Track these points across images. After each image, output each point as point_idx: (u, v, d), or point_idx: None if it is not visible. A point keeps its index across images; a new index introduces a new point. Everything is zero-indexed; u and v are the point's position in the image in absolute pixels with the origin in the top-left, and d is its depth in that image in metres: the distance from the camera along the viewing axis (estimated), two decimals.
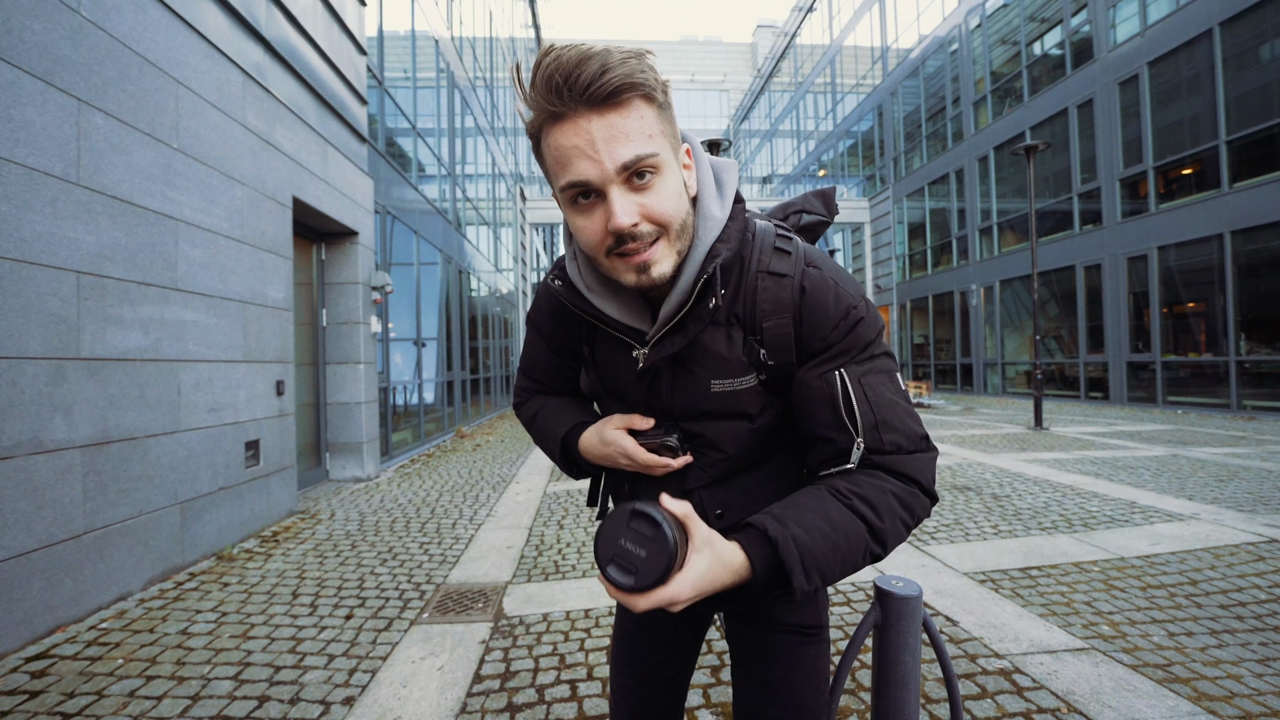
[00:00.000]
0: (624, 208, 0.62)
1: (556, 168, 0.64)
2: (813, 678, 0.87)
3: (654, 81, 0.63)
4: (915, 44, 18.81)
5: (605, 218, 0.64)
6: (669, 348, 0.74)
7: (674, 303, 0.72)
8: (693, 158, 0.74)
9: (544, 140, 0.65)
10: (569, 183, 0.63)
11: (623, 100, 0.61)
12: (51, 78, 2.58)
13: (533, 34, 23.04)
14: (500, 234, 15.52)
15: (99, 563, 2.72)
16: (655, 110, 0.64)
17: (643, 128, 0.62)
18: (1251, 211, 9.36)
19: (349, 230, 5.67)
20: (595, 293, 0.76)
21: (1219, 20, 9.79)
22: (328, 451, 5.75)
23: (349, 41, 5.78)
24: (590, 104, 0.60)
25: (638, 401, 0.84)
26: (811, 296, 0.73)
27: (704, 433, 0.81)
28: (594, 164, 0.61)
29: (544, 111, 0.62)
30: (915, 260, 19.45)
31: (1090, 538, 3.51)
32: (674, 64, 46.28)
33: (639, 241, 0.65)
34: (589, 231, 0.66)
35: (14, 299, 2.39)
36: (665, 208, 0.65)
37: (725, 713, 1.85)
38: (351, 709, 1.91)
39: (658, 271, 0.67)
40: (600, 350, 0.86)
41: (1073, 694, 1.90)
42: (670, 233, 0.67)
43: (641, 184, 0.63)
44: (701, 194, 0.74)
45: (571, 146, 0.62)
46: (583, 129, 0.61)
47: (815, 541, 0.65)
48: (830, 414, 0.71)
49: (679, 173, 0.68)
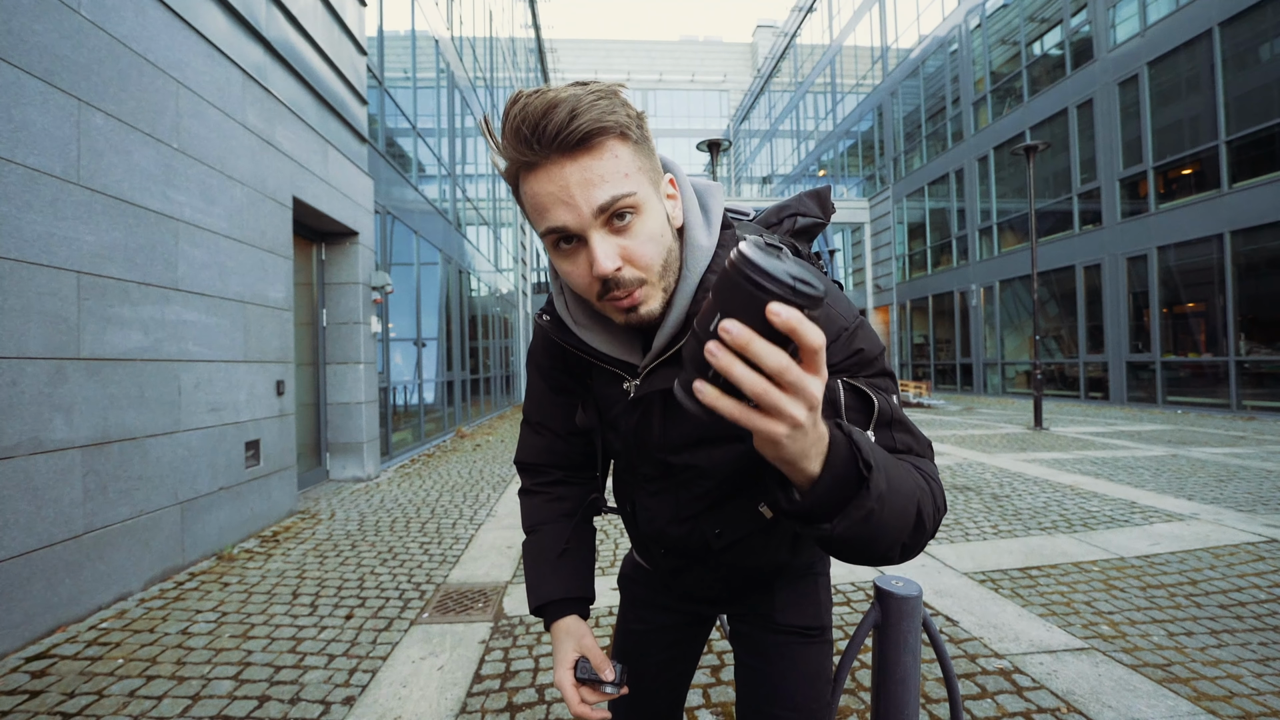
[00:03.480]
0: (605, 252, 0.62)
1: (535, 215, 0.64)
2: (815, 679, 0.87)
3: (626, 119, 0.62)
4: (915, 44, 18.82)
5: (589, 264, 0.63)
6: (663, 381, 0.73)
7: (666, 336, 0.71)
8: (676, 187, 0.72)
9: (521, 187, 0.64)
10: (548, 229, 0.63)
11: (594, 144, 0.60)
12: (52, 78, 2.58)
13: (533, 34, 23.03)
14: (500, 234, 15.53)
15: (99, 563, 2.72)
16: (630, 147, 0.63)
17: (618, 168, 0.61)
18: (1251, 211, 9.37)
19: (349, 230, 5.67)
20: (584, 327, 0.76)
21: (1219, 20, 9.79)
22: (328, 451, 5.76)
23: (349, 41, 5.79)
24: (562, 150, 0.59)
25: (629, 433, 0.82)
26: None
27: (697, 462, 0.79)
28: (571, 210, 0.61)
29: (516, 162, 0.62)
30: (915, 260, 19.45)
31: (1090, 538, 3.51)
32: (674, 64, 46.25)
33: (623, 289, 0.64)
34: (576, 276, 0.66)
35: (14, 299, 2.39)
36: (646, 251, 0.64)
37: (725, 713, 1.85)
38: (351, 709, 1.91)
39: (645, 310, 0.67)
40: (596, 383, 0.85)
41: (1072, 694, 1.91)
42: (653, 276, 0.66)
43: (622, 225, 0.62)
44: (688, 223, 0.72)
45: (546, 194, 0.61)
46: (556, 176, 0.60)
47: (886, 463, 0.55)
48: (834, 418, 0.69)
49: (661, 208, 0.67)
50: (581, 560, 0.93)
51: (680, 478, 0.82)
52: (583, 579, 0.91)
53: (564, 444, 0.94)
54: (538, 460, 0.96)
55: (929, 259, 18.60)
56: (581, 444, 0.94)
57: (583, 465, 0.97)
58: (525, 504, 0.97)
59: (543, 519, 0.94)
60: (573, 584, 0.90)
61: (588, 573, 0.93)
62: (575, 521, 0.94)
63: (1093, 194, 12.36)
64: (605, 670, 0.81)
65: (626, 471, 0.90)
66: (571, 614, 0.88)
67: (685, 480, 0.81)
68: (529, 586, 0.91)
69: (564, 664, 0.83)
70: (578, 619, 0.88)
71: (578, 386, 0.88)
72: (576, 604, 0.89)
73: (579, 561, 0.92)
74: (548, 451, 0.95)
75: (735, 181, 40.18)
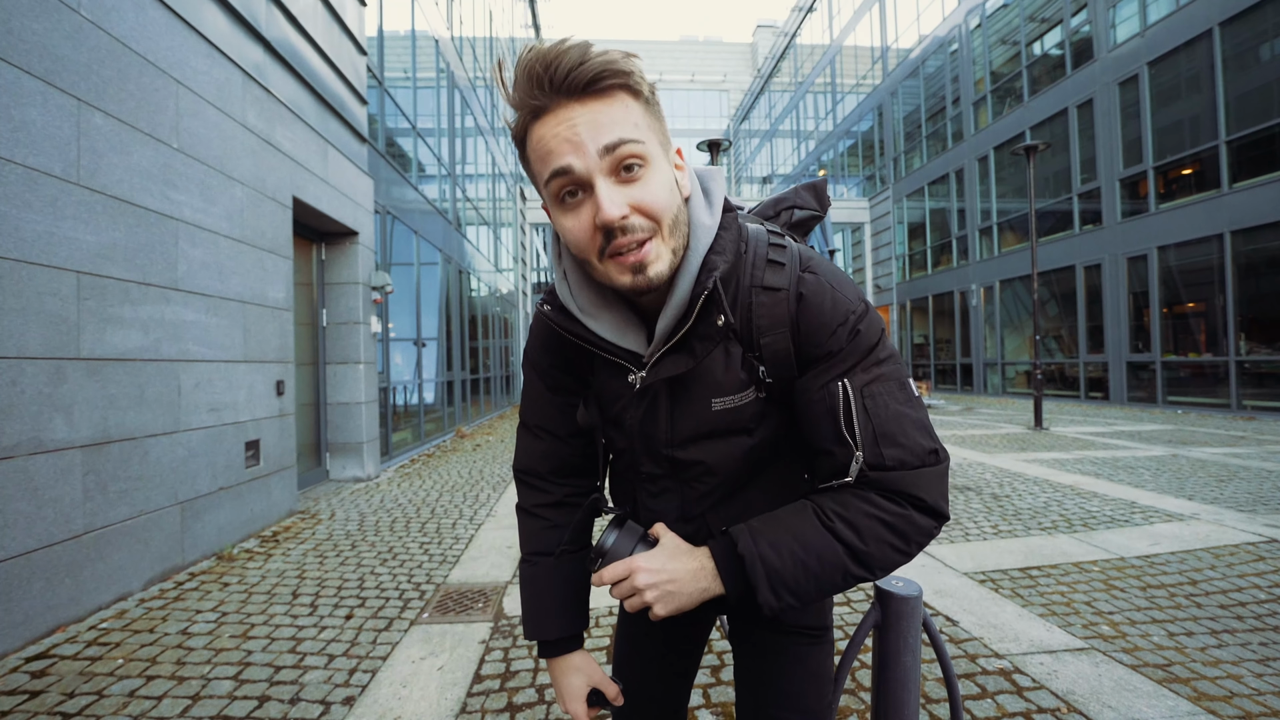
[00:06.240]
0: (611, 198, 0.60)
1: (540, 164, 0.63)
2: (816, 679, 0.87)
3: (639, 76, 0.62)
4: (915, 44, 18.81)
5: (593, 213, 0.61)
6: (671, 368, 0.71)
7: (670, 317, 0.69)
8: (683, 158, 0.72)
9: (528, 139, 0.63)
10: (553, 171, 0.61)
11: (605, 88, 0.60)
12: (51, 78, 2.58)
13: (533, 34, 23.03)
14: (500, 234, 15.53)
15: (99, 563, 2.72)
16: (641, 105, 0.62)
17: (628, 116, 0.61)
18: (1251, 211, 9.36)
19: (349, 230, 5.67)
20: (588, 314, 0.73)
21: (1219, 20, 9.79)
22: (328, 451, 5.75)
23: (349, 41, 5.79)
24: (571, 93, 0.59)
25: (634, 427, 0.80)
26: (808, 304, 0.71)
27: (703, 458, 0.78)
28: (577, 150, 0.59)
29: (527, 108, 0.61)
30: (915, 260, 19.45)
31: (1090, 538, 3.51)
32: (674, 64, 46.24)
33: (629, 236, 0.62)
34: (577, 231, 0.63)
35: (14, 299, 2.39)
36: (656, 199, 0.62)
37: (725, 713, 1.85)
38: (351, 709, 1.91)
39: (654, 271, 0.64)
40: (599, 376, 0.82)
41: (1073, 694, 1.91)
42: (664, 227, 0.64)
43: (630, 176, 0.61)
44: (692, 201, 0.71)
45: (553, 135, 0.60)
46: (564, 118, 0.60)
47: (784, 562, 0.66)
48: (831, 427, 0.69)
49: (670, 169, 0.66)
50: (582, 588, 0.90)
51: (686, 475, 0.81)
52: (583, 611, 0.90)
53: (565, 447, 0.89)
54: (538, 466, 0.91)
55: (929, 259, 18.60)
56: (582, 445, 0.90)
57: (584, 470, 0.92)
58: (523, 526, 0.92)
59: (541, 548, 0.89)
60: (576, 620, 0.88)
61: (586, 600, 0.91)
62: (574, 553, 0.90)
63: (1093, 194, 12.36)
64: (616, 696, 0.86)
65: (629, 470, 0.89)
66: (575, 649, 0.88)
67: (691, 478, 0.81)
68: (526, 616, 0.88)
69: (576, 698, 0.84)
70: (583, 654, 0.88)
71: (578, 384, 0.86)
72: (577, 638, 0.89)
73: (579, 590, 0.90)
74: (548, 456, 0.90)
75: (735, 181, 40.17)
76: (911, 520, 0.67)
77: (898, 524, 0.67)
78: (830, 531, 0.67)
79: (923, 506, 0.67)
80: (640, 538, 0.76)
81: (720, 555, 0.71)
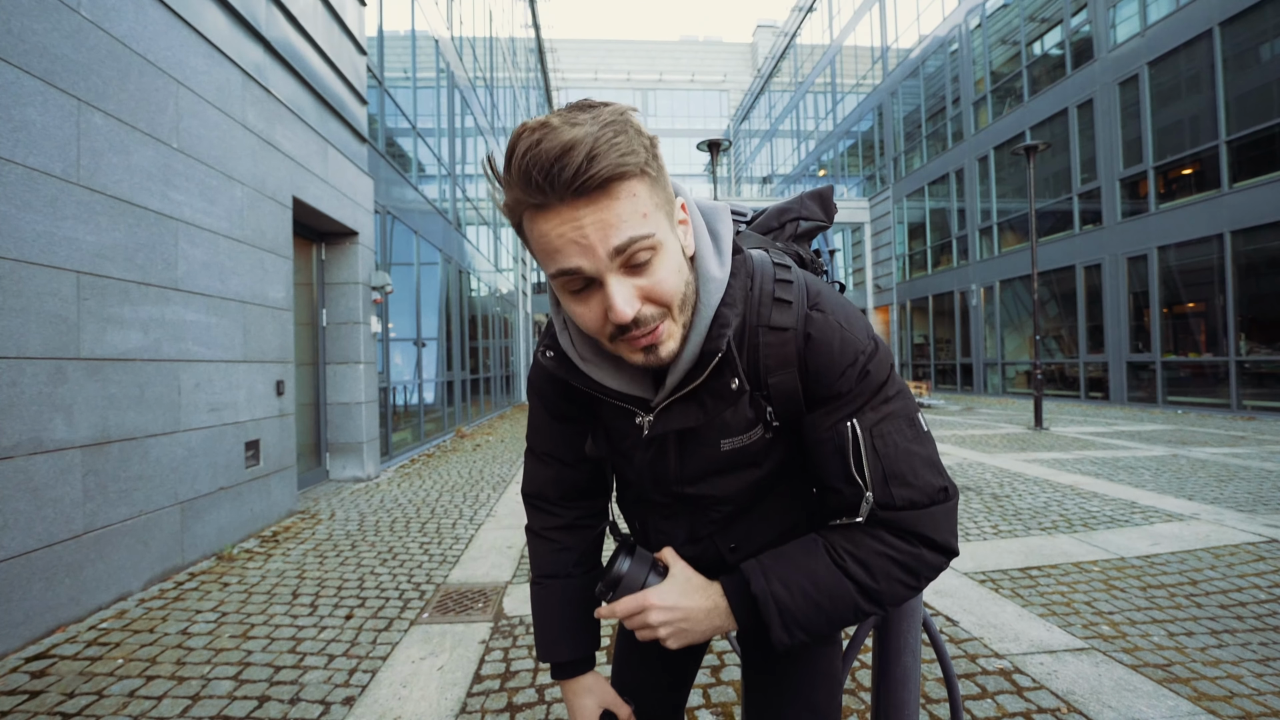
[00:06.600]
0: (624, 298, 0.58)
1: (544, 256, 0.60)
2: (826, 679, 0.87)
3: (644, 153, 0.57)
4: (915, 44, 18.82)
5: (604, 307, 0.60)
6: (681, 420, 0.70)
7: (680, 372, 0.68)
8: (687, 212, 0.69)
9: (527, 227, 0.59)
10: (560, 270, 0.59)
11: (613, 187, 0.56)
12: (51, 78, 2.58)
13: (533, 34, 23.03)
14: (500, 234, 15.53)
15: (99, 563, 2.72)
16: (648, 184, 0.58)
17: (636, 208, 0.57)
18: (1251, 211, 9.37)
19: (349, 230, 5.67)
20: (591, 363, 0.71)
21: (1219, 20, 9.79)
22: (328, 451, 5.75)
23: (349, 41, 5.79)
24: (579, 195, 0.55)
25: (643, 467, 0.81)
26: (816, 344, 0.69)
27: (711, 491, 0.79)
28: (586, 254, 0.57)
29: (523, 203, 0.57)
30: (915, 260, 19.45)
31: (1090, 538, 3.51)
32: (674, 64, 46.24)
33: (642, 326, 0.60)
34: (588, 318, 0.62)
35: (14, 299, 2.39)
36: (666, 287, 0.61)
37: (725, 713, 1.85)
38: (351, 709, 1.91)
39: (665, 351, 0.63)
40: (605, 414, 0.81)
41: (1073, 694, 1.90)
42: (674, 310, 0.63)
43: (639, 267, 0.59)
44: (700, 252, 0.68)
45: (558, 235, 0.57)
46: (570, 218, 0.56)
47: (796, 601, 0.67)
48: (839, 466, 0.68)
49: (677, 243, 0.64)
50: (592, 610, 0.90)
51: (695, 504, 0.82)
52: (593, 633, 0.90)
53: (573, 472, 0.88)
54: (547, 492, 0.90)
55: (929, 259, 18.60)
56: (590, 469, 0.89)
57: (592, 493, 0.91)
58: (533, 548, 0.91)
59: (551, 571, 0.89)
60: (586, 642, 0.88)
61: (597, 621, 0.90)
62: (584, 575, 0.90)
63: (1093, 194, 12.36)
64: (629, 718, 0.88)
65: (638, 500, 0.89)
66: (586, 670, 0.88)
67: (700, 507, 0.81)
68: (539, 638, 0.89)
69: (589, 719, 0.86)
70: (594, 675, 0.88)
71: (584, 415, 0.85)
72: (589, 660, 0.89)
73: (589, 612, 0.89)
74: (556, 482, 0.89)
75: (735, 181, 40.19)
76: (922, 558, 0.67)
77: (909, 562, 0.67)
78: (842, 570, 0.68)
79: (933, 545, 0.67)
80: (651, 566, 0.76)
81: (734, 594, 0.72)
